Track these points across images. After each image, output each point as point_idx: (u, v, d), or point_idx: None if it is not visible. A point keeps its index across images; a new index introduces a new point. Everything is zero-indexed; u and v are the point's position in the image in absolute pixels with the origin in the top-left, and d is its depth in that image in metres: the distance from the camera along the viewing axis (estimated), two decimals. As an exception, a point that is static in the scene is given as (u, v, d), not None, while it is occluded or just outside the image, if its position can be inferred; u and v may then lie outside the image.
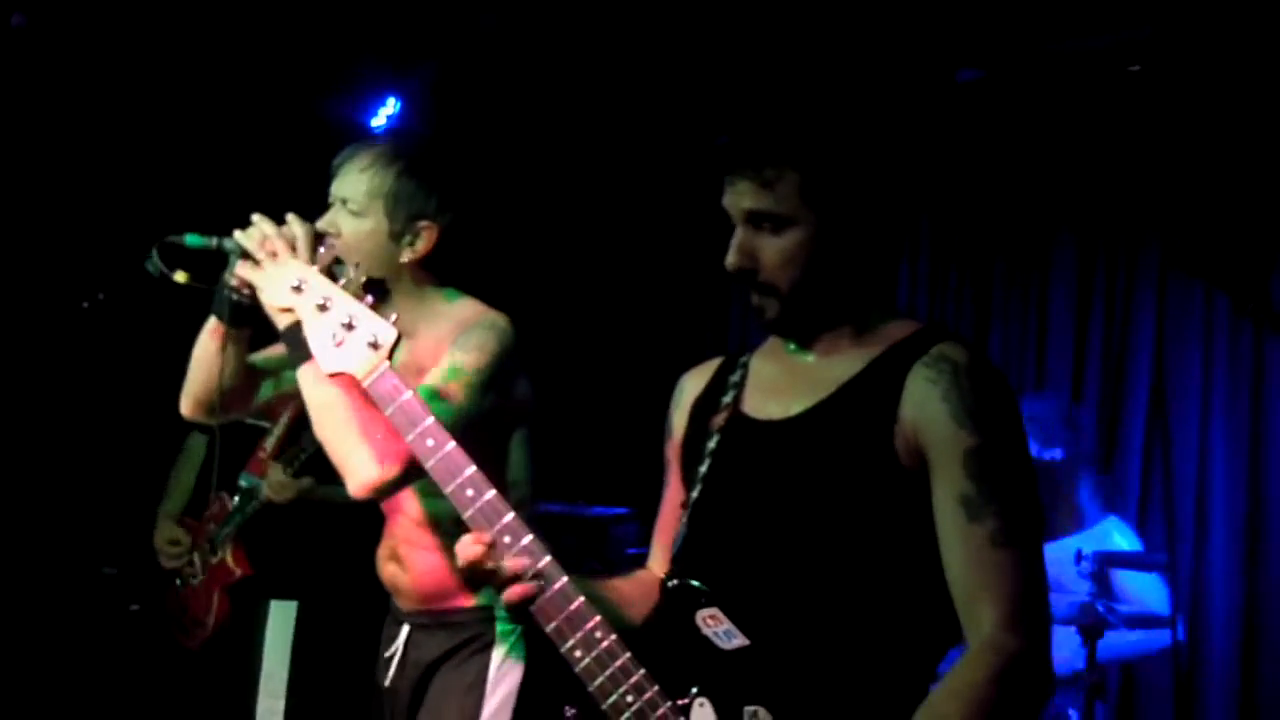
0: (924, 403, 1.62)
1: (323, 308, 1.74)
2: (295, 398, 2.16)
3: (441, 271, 2.36)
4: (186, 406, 2.35)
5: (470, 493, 1.62)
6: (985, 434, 1.60)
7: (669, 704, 1.57)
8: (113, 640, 3.92)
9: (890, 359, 1.69)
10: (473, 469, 1.65)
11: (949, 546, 1.59)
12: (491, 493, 1.62)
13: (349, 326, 1.72)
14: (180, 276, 2.43)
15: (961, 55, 4.21)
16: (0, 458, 3.91)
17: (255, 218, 2.01)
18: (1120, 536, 3.86)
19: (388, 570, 2.47)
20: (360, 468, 2.04)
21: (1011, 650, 1.54)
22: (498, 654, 2.39)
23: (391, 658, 2.47)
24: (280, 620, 3.29)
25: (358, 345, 1.71)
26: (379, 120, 4.61)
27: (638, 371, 4.75)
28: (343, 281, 1.78)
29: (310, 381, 2.03)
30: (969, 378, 1.63)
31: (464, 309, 2.31)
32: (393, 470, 2.03)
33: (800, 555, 1.65)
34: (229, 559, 3.34)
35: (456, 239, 2.33)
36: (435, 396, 2.09)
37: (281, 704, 3.21)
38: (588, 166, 5.13)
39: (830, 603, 1.63)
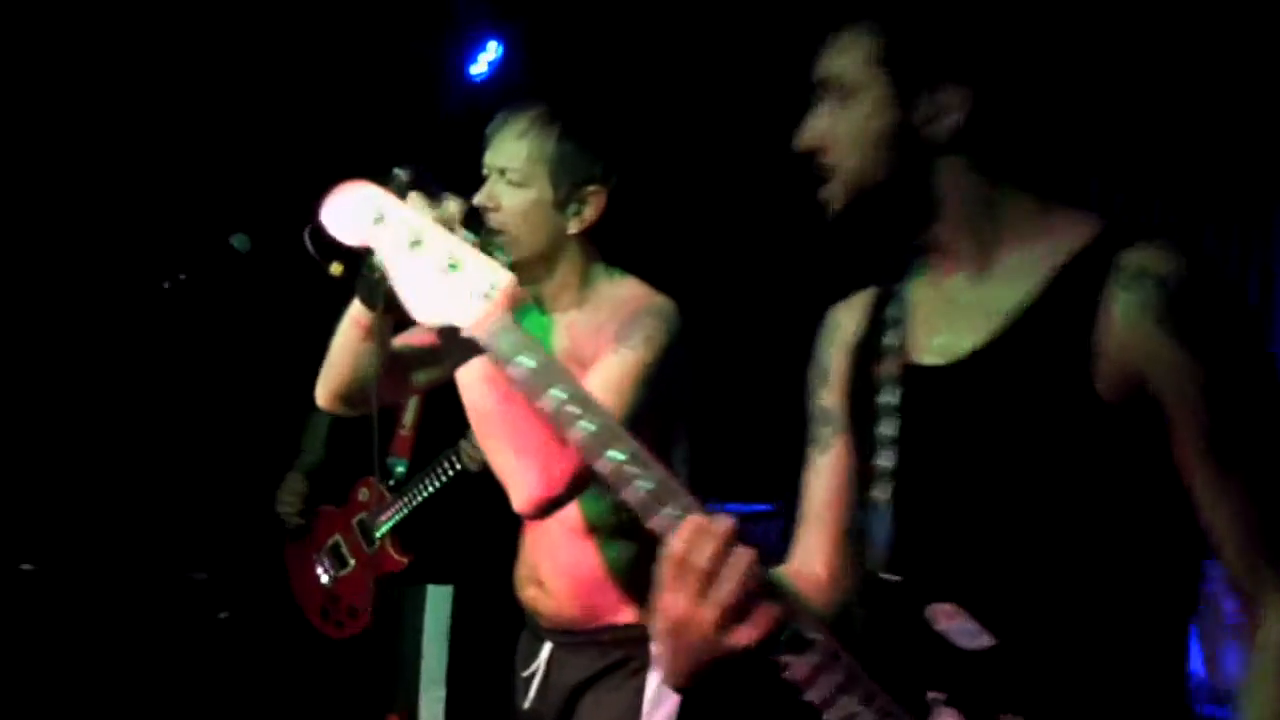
0: (1134, 328, 1.41)
1: (415, 245, 1.43)
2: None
3: (602, 244, 2.22)
4: (323, 398, 2.21)
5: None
6: (1221, 361, 1.41)
7: (904, 713, 1.39)
8: (202, 646, 3.89)
9: (1074, 273, 1.47)
10: None
11: (1206, 502, 1.42)
12: None
13: (452, 269, 1.42)
14: (336, 269, 2.36)
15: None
16: (87, 462, 3.87)
17: (411, 195, 1.75)
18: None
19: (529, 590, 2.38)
20: (524, 484, 1.91)
21: None
22: (655, 676, 2.21)
23: (531, 678, 2.35)
24: (438, 605, 3.25)
25: (464, 293, 1.42)
26: (479, 67, 4.46)
27: (773, 358, 4.36)
28: (435, 214, 1.54)
29: (470, 387, 1.84)
30: (1189, 293, 1.41)
31: (627, 290, 2.20)
32: (558, 487, 1.90)
33: (1029, 536, 1.45)
34: (390, 547, 3.26)
35: (620, 206, 2.19)
36: (603, 389, 1.99)
37: (443, 690, 3.19)
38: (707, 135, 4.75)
39: (1074, 588, 1.44)
